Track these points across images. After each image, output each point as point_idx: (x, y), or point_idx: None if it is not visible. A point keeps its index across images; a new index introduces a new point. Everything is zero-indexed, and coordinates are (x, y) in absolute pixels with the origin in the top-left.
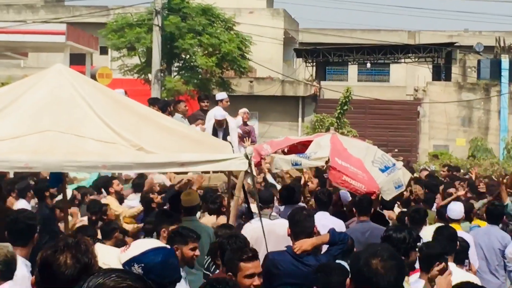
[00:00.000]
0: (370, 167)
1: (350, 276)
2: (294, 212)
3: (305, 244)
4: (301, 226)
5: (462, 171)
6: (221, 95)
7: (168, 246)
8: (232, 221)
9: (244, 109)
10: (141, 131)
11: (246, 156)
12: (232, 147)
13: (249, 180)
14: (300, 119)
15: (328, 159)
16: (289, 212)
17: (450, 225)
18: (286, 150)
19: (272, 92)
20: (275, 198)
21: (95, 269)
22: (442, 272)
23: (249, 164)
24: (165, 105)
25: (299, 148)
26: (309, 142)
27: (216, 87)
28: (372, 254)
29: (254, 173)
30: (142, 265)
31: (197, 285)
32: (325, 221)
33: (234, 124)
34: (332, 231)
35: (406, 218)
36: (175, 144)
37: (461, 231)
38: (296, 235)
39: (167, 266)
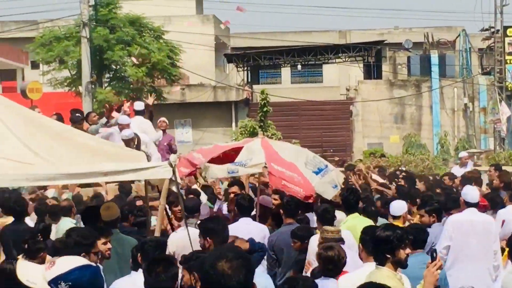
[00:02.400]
0: (303, 169)
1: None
2: (209, 221)
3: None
4: (221, 235)
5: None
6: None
7: (93, 264)
8: (158, 231)
9: (161, 118)
10: (55, 149)
11: (170, 164)
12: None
13: (174, 188)
14: (233, 124)
15: (265, 165)
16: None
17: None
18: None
19: (204, 98)
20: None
21: None
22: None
23: (173, 172)
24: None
25: (232, 154)
26: (239, 148)
27: (148, 96)
28: (217, 256)
29: (179, 180)
30: (70, 283)
31: None
32: (248, 227)
33: (149, 138)
34: (251, 240)
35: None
36: (92, 158)
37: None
38: (216, 244)
39: (94, 284)
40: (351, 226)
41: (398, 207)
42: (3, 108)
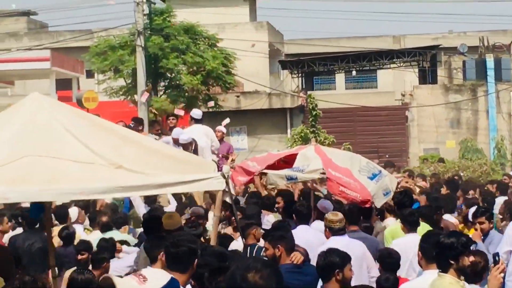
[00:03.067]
0: (358, 175)
1: None
2: (277, 229)
3: (299, 255)
4: (290, 243)
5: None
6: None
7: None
8: (213, 242)
9: (218, 127)
10: (120, 150)
11: (223, 175)
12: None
13: (227, 199)
14: (289, 130)
15: (323, 170)
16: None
17: None
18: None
19: (260, 105)
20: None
21: None
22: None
23: (227, 183)
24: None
25: (281, 164)
26: (292, 156)
27: (203, 104)
28: (246, 268)
29: (232, 191)
30: None
31: None
32: (306, 235)
33: (206, 144)
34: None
35: None
36: (156, 163)
37: None
38: (286, 252)
39: None
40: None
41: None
42: (65, 112)
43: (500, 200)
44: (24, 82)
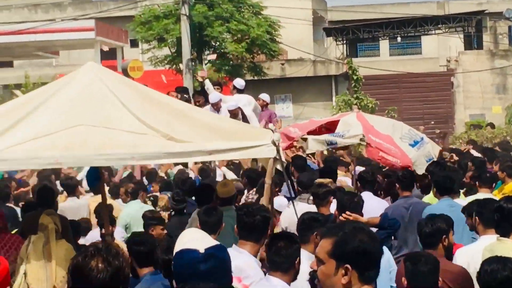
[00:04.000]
0: (399, 142)
1: None
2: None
3: (359, 219)
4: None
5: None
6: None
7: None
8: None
9: (260, 95)
10: (172, 123)
11: (274, 143)
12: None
13: (278, 166)
14: (333, 98)
15: (363, 136)
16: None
17: None
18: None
19: (304, 73)
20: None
21: (127, 272)
22: None
23: (277, 151)
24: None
25: (323, 130)
26: (334, 122)
27: (248, 72)
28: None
29: (283, 158)
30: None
31: None
32: (370, 201)
33: (251, 112)
34: (384, 216)
35: None
36: (208, 134)
37: None
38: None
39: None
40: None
41: None
42: (118, 84)
43: None
44: (69, 52)
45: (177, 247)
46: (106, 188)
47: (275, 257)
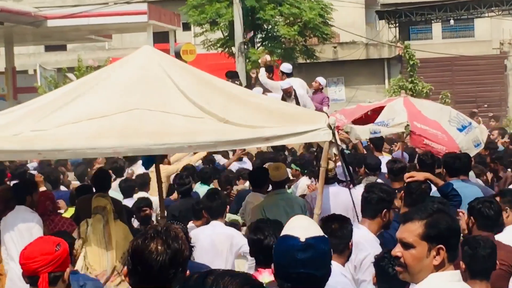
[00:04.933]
0: (447, 127)
1: None
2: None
3: (418, 175)
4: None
5: None
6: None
7: None
8: (320, 193)
9: (317, 78)
10: (228, 107)
11: (330, 126)
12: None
13: (334, 150)
14: (386, 81)
15: (408, 124)
16: None
17: None
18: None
19: (357, 56)
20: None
21: (186, 254)
22: None
23: (333, 134)
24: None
25: (370, 114)
26: (381, 107)
27: (300, 55)
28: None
29: (339, 142)
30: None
31: None
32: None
33: (304, 93)
34: (448, 183)
35: None
36: (264, 118)
37: None
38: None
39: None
40: None
41: None
42: (174, 68)
43: None
44: (121, 35)
45: (283, 232)
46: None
47: (330, 238)
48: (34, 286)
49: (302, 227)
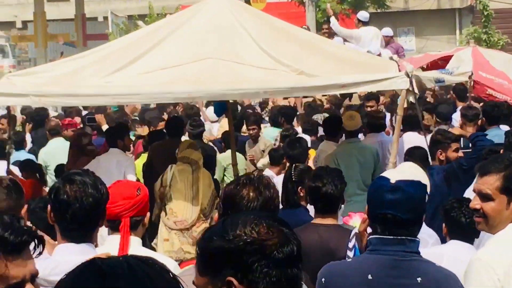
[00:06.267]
0: None
1: None
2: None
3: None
4: None
5: None
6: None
7: None
8: (395, 141)
9: (382, 30)
10: (301, 57)
11: (407, 74)
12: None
13: (411, 98)
14: (457, 32)
15: (472, 73)
16: None
17: None
18: (425, 66)
19: (428, 6)
20: None
21: (276, 202)
22: None
23: (410, 82)
24: None
25: (440, 63)
26: (449, 57)
27: (371, 4)
28: None
29: (416, 90)
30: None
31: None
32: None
33: (379, 45)
34: (475, 134)
35: None
36: (337, 67)
37: None
38: None
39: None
40: None
41: None
42: (247, 15)
43: None
44: None
45: (385, 173)
46: None
47: None
48: (115, 230)
49: (400, 171)
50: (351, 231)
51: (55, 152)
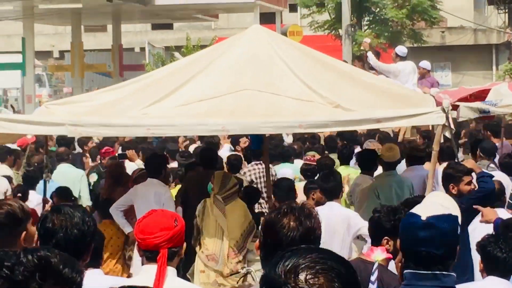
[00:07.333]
0: None
1: None
2: None
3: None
4: None
5: None
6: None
7: None
8: (431, 175)
9: (420, 64)
10: (339, 89)
11: (443, 109)
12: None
13: (447, 134)
14: (494, 67)
15: None
16: None
17: None
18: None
19: (464, 41)
20: None
21: (317, 233)
22: None
23: (447, 118)
24: None
25: (473, 99)
26: (484, 91)
27: (407, 39)
28: None
29: (452, 126)
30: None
31: None
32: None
33: (416, 79)
34: (481, 172)
35: None
36: (374, 99)
37: None
38: None
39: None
40: None
41: None
42: (284, 45)
43: None
44: (228, 15)
45: (415, 209)
46: None
47: None
48: (151, 261)
49: (428, 204)
50: (373, 264)
51: (57, 178)
